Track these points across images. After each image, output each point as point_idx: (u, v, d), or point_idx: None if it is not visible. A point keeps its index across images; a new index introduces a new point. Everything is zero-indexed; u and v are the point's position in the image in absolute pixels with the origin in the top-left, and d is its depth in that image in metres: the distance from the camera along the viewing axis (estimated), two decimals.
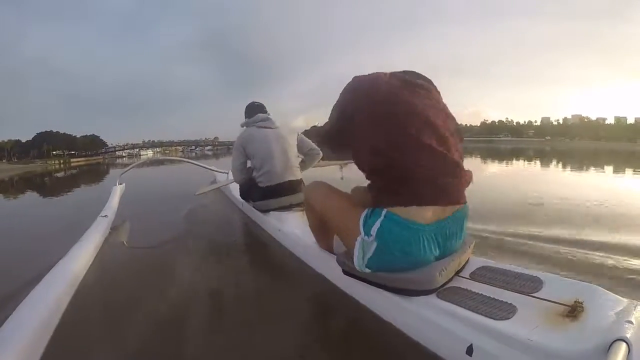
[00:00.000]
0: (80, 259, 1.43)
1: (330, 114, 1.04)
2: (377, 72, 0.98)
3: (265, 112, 2.14)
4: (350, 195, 1.08)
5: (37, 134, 58.34)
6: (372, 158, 0.90)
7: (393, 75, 0.97)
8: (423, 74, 0.99)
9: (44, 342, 0.91)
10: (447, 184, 0.87)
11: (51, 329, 0.98)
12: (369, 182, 0.95)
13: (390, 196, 0.88)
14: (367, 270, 0.93)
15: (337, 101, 1.01)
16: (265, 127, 2.04)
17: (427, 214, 0.86)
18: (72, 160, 43.49)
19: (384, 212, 0.87)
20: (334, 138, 1.07)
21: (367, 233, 0.90)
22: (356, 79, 0.99)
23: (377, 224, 0.88)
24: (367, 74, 0.99)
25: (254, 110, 2.13)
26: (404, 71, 1.00)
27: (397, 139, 0.86)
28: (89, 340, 0.99)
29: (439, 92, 1.00)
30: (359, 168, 0.98)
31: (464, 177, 0.90)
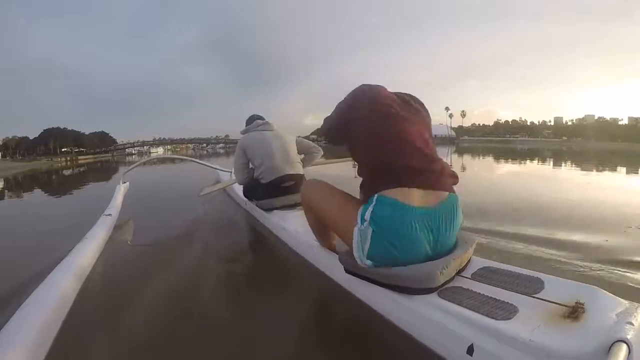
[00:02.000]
0: (84, 257, 1.46)
1: (335, 110, 1.18)
2: (381, 86, 1.17)
3: (263, 118, 2.33)
4: (349, 194, 1.14)
5: (44, 130, 57.75)
6: (365, 151, 1.06)
7: (394, 93, 1.16)
8: (417, 98, 1.18)
9: (50, 338, 0.93)
10: (427, 170, 0.97)
11: (57, 325, 1.00)
12: (361, 178, 1.06)
13: (378, 184, 0.97)
14: (368, 262, 0.96)
15: (343, 101, 1.16)
16: (263, 130, 2.20)
17: (414, 196, 0.93)
18: (79, 157, 43.54)
19: (375, 197, 0.95)
20: (335, 132, 1.20)
21: (362, 221, 0.95)
22: (364, 85, 1.15)
23: (370, 209, 0.94)
24: (373, 84, 1.16)
25: (252, 118, 2.33)
26: (404, 93, 1.18)
27: (385, 134, 1.01)
28: (94, 336, 1.02)
29: (427, 113, 1.16)
30: (355, 160, 1.15)
31: (444, 168, 1.01)
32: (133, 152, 62.06)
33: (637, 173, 6.25)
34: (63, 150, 55.51)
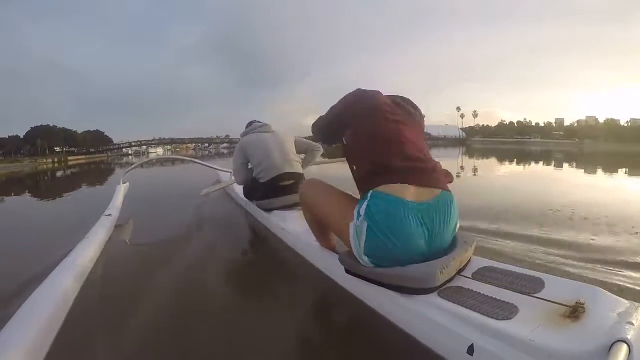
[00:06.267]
0: (85, 257, 1.48)
1: (330, 111, 1.24)
2: (377, 91, 1.23)
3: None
4: (347, 194, 1.18)
5: (31, 128, 53.75)
6: (362, 152, 1.10)
7: (389, 96, 1.22)
8: (410, 100, 1.25)
9: (50, 338, 0.96)
10: (420, 168, 1.02)
11: (58, 325, 1.03)
12: (356, 180, 1.10)
13: (373, 181, 1.00)
14: (366, 259, 0.99)
15: (339, 102, 1.22)
16: (262, 132, 2.32)
17: (407, 191, 0.97)
18: (70, 158, 41.64)
19: (369, 193, 0.99)
20: (330, 131, 1.26)
21: (357, 216, 0.99)
22: (360, 90, 1.21)
23: (365, 204, 0.98)
24: (369, 90, 1.22)
25: (251, 123, 2.48)
26: (398, 96, 1.25)
27: (383, 137, 1.07)
28: (95, 335, 1.04)
29: (421, 115, 1.24)
30: (349, 160, 1.16)
31: (436, 166, 1.07)
32: (130, 152, 60.36)
33: None
34: (55, 149, 53.45)
